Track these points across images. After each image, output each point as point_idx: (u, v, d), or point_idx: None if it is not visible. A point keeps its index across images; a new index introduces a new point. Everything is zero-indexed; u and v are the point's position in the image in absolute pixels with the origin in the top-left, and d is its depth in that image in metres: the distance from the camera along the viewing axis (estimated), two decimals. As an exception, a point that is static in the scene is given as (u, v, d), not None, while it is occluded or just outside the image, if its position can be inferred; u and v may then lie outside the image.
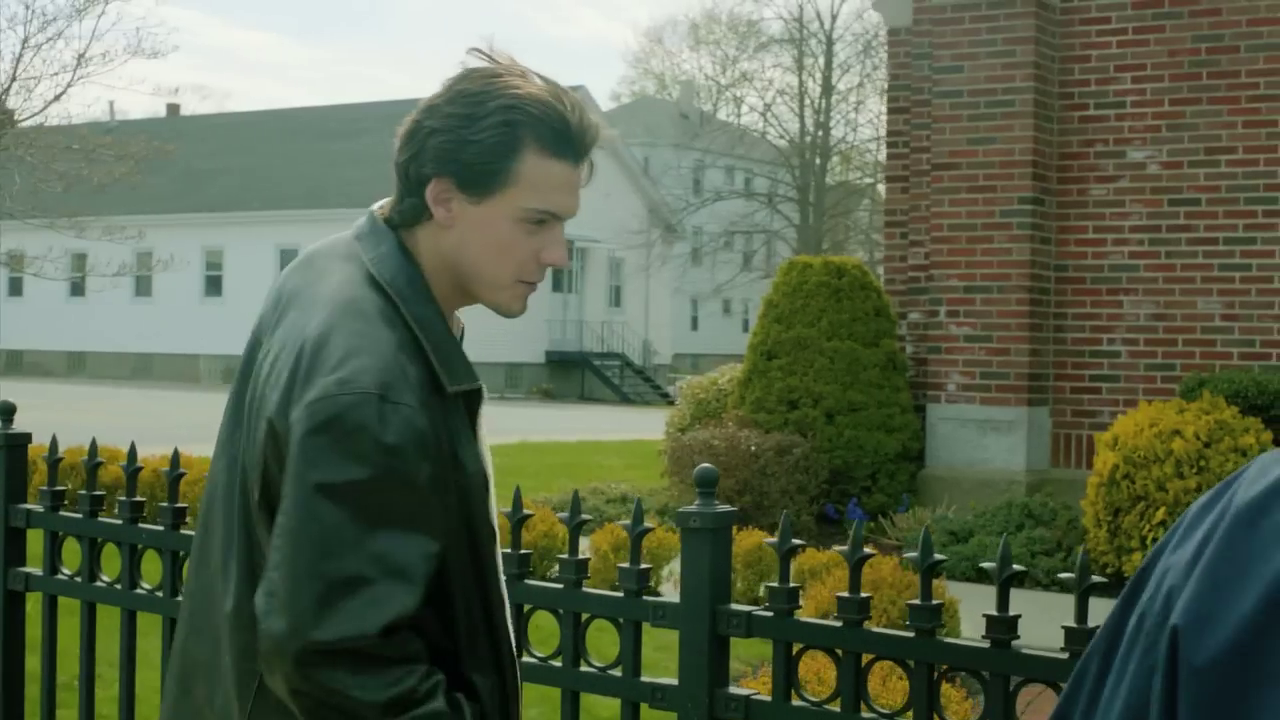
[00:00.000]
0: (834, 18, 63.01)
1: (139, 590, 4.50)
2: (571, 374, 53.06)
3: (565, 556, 3.92)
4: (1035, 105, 13.37)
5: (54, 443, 4.75)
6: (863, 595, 3.57)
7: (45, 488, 4.73)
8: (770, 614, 3.64)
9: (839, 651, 3.54)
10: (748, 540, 10.12)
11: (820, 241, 57.78)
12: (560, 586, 3.90)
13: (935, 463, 13.72)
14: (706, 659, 3.67)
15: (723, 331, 73.52)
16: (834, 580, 8.39)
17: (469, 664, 2.53)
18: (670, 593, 10.37)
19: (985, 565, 3.46)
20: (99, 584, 4.60)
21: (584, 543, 10.31)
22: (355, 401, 2.33)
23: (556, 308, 54.45)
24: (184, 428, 25.74)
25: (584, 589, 3.90)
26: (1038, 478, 13.35)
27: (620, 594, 3.84)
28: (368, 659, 2.30)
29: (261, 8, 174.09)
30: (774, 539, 3.63)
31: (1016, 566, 3.33)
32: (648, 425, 29.51)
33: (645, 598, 3.82)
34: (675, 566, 10.77)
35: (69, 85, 25.91)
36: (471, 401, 2.54)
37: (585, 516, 3.97)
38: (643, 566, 3.85)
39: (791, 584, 3.64)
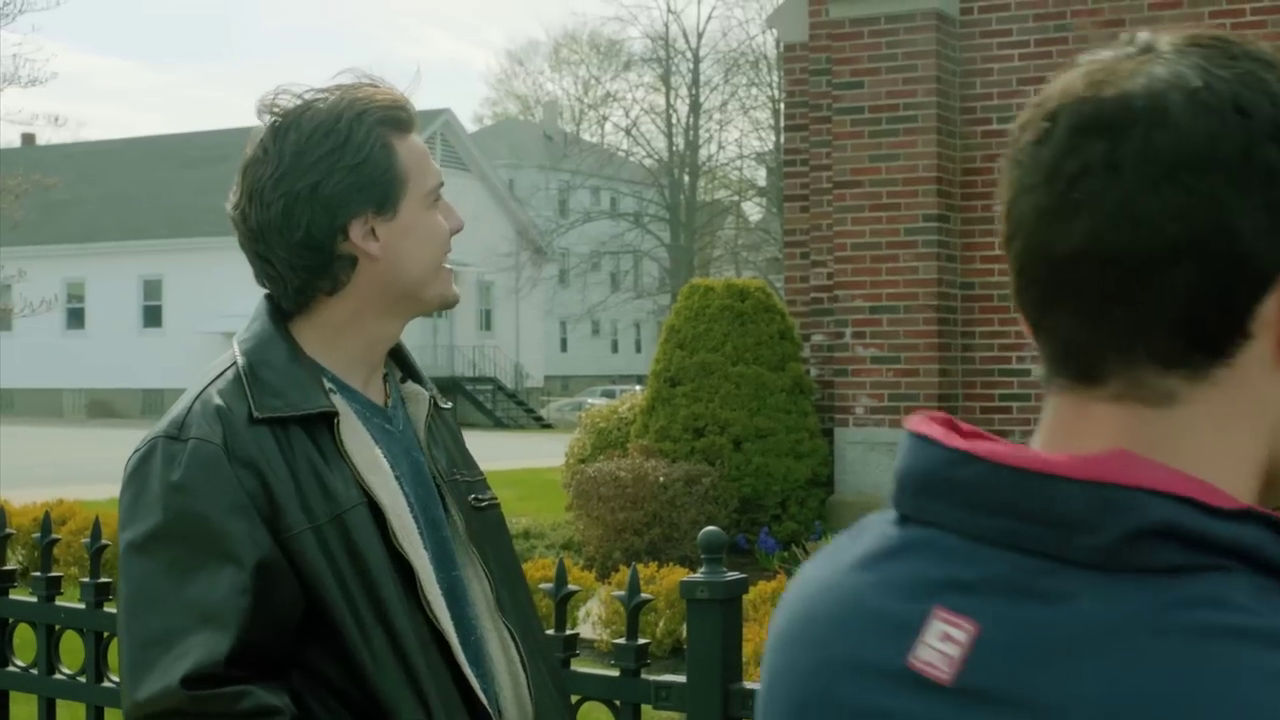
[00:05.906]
0: (700, 35, 63.04)
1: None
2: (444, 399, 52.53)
3: (551, 632, 3.54)
4: (938, 120, 13.09)
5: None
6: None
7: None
8: (792, 693, 3.26)
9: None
10: (669, 577, 9.72)
11: (692, 260, 57.74)
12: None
13: (845, 488, 13.39)
14: (719, 746, 3.33)
15: (592, 353, 73.39)
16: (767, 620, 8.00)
17: (395, 716, 2.30)
18: (586, 634, 10.03)
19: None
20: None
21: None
22: (147, 450, 2.32)
23: (427, 333, 54.02)
24: (47, 467, 25.01)
25: (573, 667, 3.54)
26: (949, 501, 13.02)
27: (616, 672, 3.47)
28: (193, 717, 2.16)
29: (107, 32, 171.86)
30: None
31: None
32: (530, 452, 29.10)
33: (645, 676, 3.44)
34: (592, 606, 10.38)
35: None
36: (330, 426, 2.37)
37: (572, 588, 3.58)
38: (641, 641, 3.47)
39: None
